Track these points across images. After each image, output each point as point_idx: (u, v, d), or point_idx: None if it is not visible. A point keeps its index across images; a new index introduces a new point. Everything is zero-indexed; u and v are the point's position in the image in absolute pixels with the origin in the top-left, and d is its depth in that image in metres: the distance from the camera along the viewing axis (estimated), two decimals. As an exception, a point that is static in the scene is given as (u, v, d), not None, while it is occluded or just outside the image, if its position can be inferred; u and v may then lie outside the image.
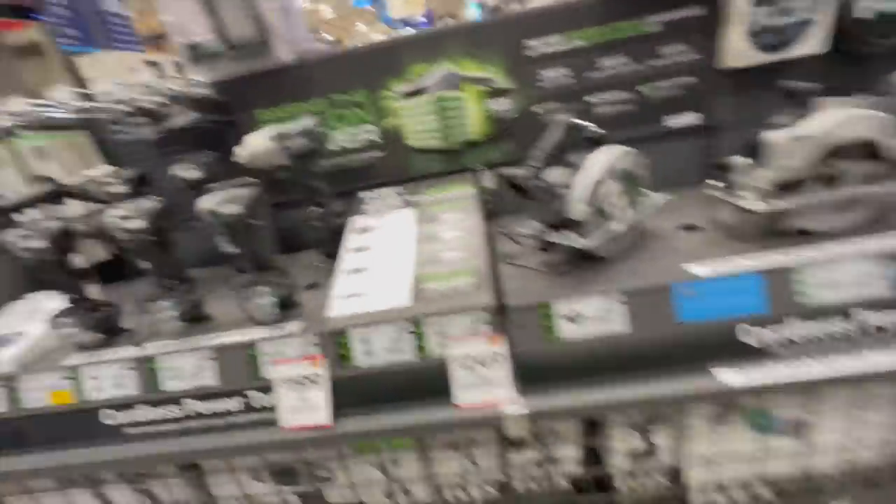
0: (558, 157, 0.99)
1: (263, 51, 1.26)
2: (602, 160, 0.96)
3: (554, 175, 0.97)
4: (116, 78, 1.30)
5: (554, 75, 1.33)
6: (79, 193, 1.30)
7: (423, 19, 5.83)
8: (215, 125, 1.36)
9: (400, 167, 1.46)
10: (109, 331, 1.17)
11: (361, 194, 1.43)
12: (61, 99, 1.37)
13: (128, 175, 1.31)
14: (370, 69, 1.35)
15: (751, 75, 1.26)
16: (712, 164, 1.37)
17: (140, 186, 1.34)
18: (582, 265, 1.02)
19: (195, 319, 1.15)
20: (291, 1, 1.38)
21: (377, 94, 1.38)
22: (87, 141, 1.46)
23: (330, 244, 1.37)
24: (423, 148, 1.42)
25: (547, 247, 1.03)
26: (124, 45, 5.09)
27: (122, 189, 1.29)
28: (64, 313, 1.16)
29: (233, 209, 0.97)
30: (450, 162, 1.44)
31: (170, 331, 1.10)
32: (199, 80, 1.33)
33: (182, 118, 1.26)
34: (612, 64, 1.31)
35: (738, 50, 1.20)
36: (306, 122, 1.20)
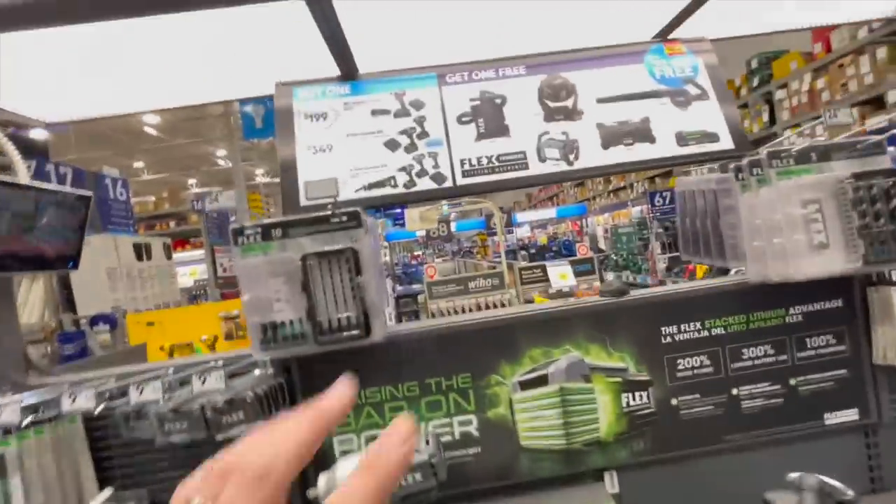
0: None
1: (358, 337, 1.01)
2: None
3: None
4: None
5: (693, 364, 1.14)
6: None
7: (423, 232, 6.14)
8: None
9: (503, 469, 1.12)
10: None
11: (457, 514, 1.05)
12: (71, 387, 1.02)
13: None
14: (478, 352, 1.12)
15: (910, 373, 1.12)
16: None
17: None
18: None
19: None
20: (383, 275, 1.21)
21: (483, 381, 1.12)
22: (79, 434, 1.05)
23: None
24: (537, 448, 1.12)
25: None
26: (118, 228, 5.07)
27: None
28: None
29: None
30: (569, 464, 1.12)
31: None
32: (266, 364, 1.03)
33: (238, 428, 0.92)
34: (756, 354, 1.15)
35: (904, 352, 1.08)
36: (423, 450, 0.87)
